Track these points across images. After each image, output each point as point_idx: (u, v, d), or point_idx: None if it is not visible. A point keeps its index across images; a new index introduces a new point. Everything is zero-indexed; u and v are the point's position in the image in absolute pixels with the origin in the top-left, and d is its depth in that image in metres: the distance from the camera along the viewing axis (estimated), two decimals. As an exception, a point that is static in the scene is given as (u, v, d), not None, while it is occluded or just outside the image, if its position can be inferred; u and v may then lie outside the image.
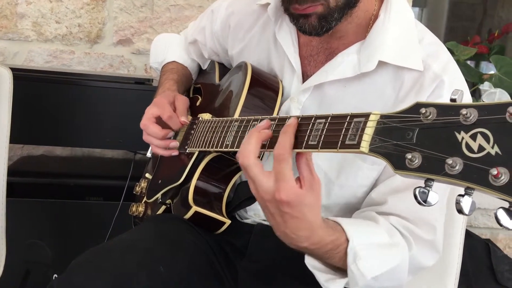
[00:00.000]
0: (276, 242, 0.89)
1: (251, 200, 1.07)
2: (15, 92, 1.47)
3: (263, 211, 0.84)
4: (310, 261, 0.91)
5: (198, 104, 1.35)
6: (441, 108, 0.60)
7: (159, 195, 1.22)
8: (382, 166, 1.01)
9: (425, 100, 0.84)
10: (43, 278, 1.69)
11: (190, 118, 1.23)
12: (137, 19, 2.18)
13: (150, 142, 1.18)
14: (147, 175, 1.40)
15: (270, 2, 1.13)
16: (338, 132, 0.73)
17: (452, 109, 0.59)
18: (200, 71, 1.49)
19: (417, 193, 0.61)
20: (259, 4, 1.19)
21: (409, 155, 0.61)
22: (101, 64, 2.19)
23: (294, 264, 0.94)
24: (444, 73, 0.98)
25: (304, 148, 0.78)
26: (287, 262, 0.98)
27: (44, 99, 1.75)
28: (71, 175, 1.92)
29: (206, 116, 1.16)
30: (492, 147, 0.54)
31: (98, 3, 2.15)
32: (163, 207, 1.19)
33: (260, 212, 1.14)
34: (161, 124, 1.16)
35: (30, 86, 1.72)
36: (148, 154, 1.41)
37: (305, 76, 1.11)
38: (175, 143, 1.17)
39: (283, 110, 1.10)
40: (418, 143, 0.61)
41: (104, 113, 1.78)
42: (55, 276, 1.68)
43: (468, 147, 0.56)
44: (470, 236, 1.89)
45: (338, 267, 0.92)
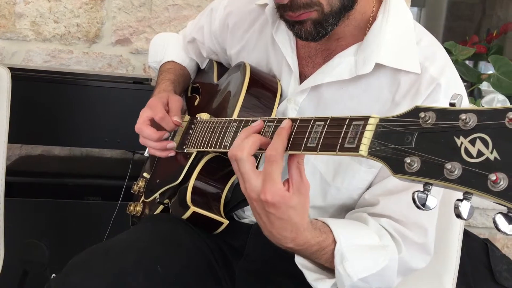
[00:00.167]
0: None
1: (248, 200, 1.07)
2: (13, 92, 1.48)
3: (252, 210, 0.84)
4: (300, 260, 0.93)
5: (196, 103, 1.34)
6: (440, 113, 0.60)
7: (157, 194, 1.22)
8: (378, 169, 1.01)
9: (421, 103, 0.84)
10: (41, 277, 1.69)
11: (187, 117, 1.23)
12: (135, 19, 2.17)
13: (146, 144, 1.18)
14: (145, 174, 1.40)
15: (268, 2, 1.13)
16: (337, 135, 0.73)
17: (451, 113, 0.59)
18: (198, 70, 1.48)
19: (415, 197, 0.61)
20: (257, 4, 1.18)
21: (408, 159, 0.61)
22: (99, 63, 2.19)
23: (291, 265, 0.94)
24: (441, 76, 0.98)
25: (303, 150, 0.78)
26: (284, 262, 0.98)
27: (43, 98, 1.75)
28: (69, 175, 1.92)
29: (204, 116, 1.16)
30: (491, 152, 0.54)
31: (97, 2, 2.14)
32: (161, 207, 1.19)
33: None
34: (156, 126, 1.16)
35: (29, 86, 1.72)
36: (146, 154, 1.40)
37: (303, 77, 1.11)
38: (171, 144, 1.17)
39: (280, 111, 1.10)
40: (417, 147, 0.61)
41: (103, 112, 1.78)
42: (53, 275, 1.67)
43: (467, 152, 0.56)
44: (468, 235, 1.89)
45: (327, 267, 0.92)
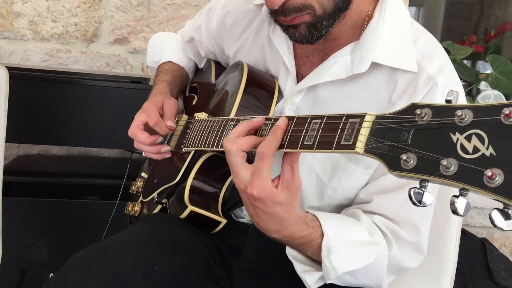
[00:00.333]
0: (272, 241, 0.90)
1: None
2: (11, 91, 1.48)
3: (242, 201, 0.86)
4: (291, 251, 0.94)
5: (194, 103, 1.34)
6: (436, 109, 0.60)
7: (155, 194, 1.22)
8: (374, 169, 1.01)
9: (419, 102, 0.84)
10: (40, 277, 1.69)
11: (185, 116, 1.23)
12: (133, 18, 2.17)
13: (140, 149, 1.19)
14: (143, 174, 1.40)
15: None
16: (334, 132, 0.73)
17: (447, 110, 0.59)
18: (196, 70, 1.48)
19: (412, 193, 0.61)
20: (254, 3, 1.18)
21: (404, 156, 0.61)
22: (97, 63, 2.19)
23: (289, 264, 0.95)
24: (439, 74, 0.97)
25: (299, 148, 0.78)
26: (283, 261, 0.98)
27: (41, 98, 1.75)
28: (67, 174, 1.91)
29: (202, 115, 1.16)
30: (487, 148, 0.54)
31: (95, 1, 2.14)
32: (159, 207, 1.19)
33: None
34: (150, 130, 1.16)
35: (27, 85, 1.72)
36: (144, 154, 1.41)
37: (300, 77, 1.10)
38: (166, 148, 1.17)
39: (277, 112, 1.10)
40: (413, 144, 0.61)
41: (101, 112, 1.78)
42: (52, 275, 1.67)
43: (463, 148, 0.56)
44: (466, 235, 1.89)
45: (316, 260, 0.93)
